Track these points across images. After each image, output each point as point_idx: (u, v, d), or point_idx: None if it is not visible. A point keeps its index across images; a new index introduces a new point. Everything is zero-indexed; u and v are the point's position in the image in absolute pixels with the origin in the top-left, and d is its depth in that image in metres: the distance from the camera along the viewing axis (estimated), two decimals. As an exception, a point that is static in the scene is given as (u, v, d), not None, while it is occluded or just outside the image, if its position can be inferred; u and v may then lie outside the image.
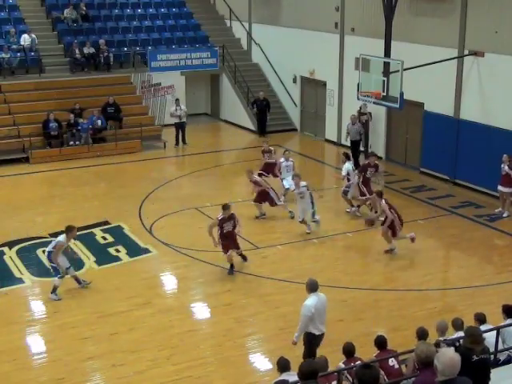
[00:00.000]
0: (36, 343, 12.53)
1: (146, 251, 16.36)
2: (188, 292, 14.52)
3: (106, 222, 18.02)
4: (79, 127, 24.59)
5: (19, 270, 15.22)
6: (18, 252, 16.13)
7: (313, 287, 10.68)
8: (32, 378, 11.30)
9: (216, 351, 12.02)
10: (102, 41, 27.53)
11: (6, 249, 16.33)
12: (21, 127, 24.29)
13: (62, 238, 14.03)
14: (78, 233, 17.11)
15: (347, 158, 18.98)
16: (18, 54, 26.41)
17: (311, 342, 10.73)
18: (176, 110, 26.09)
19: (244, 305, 13.81)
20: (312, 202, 17.12)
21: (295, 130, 28.47)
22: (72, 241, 16.70)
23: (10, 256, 15.98)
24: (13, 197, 20.34)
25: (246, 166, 19.89)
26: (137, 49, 28.20)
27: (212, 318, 13.56)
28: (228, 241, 14.74)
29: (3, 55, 25.98)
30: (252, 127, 28.32)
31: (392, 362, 9.41)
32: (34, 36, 26.97)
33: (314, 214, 17.27)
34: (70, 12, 28.31)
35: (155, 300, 13.98)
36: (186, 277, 15.13)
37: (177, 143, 26.25)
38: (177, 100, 26.47)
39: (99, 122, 25.11)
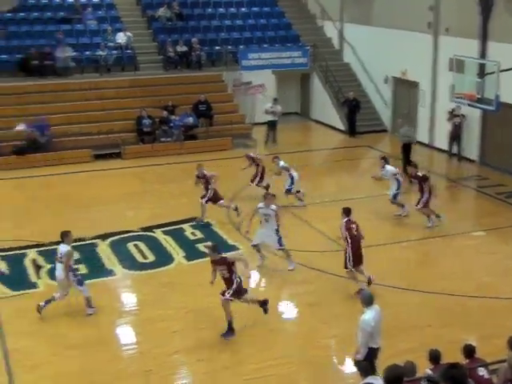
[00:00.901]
0: (126, 335, 12.84)
1: (234, 248, 16.52)
2: (274, 289, 14.55)
3: (195, 219, 18.25)
4: (171, 124, 25.06)
5: (111, 261, 15.63)
6: (110, 244, 16.60)
7: (369, 301, 10.37)
8: (122, 368, 11.57)
9: (300, 351, 12.00)
10: (194, 39, 27.97)
11: (99, 241, 16.80)
12: (115, 123, 24.97)
13: None
14: (168, 228, 17.59)
15: (386, 161, 18.51)
16: (115, 52, 27.15)
17: (373, 356, 10.33)
18: (271, 107, 26.30)
19: (329, 304, 13.75)
20: (277, 230, 15.03)
21: (385, 130, 28.13)
22: (162, 236, 17.13)
23: (103, 248, 16.45)
24: (106, 191, 20.92)
25: (335, 165, 19.71)
26: (228, 47, 28.50)
27: (297, 318, 13.58)
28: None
29: (100, 53, 26.77)
30: (342, 127, 28.15)
31: (482, 371, 9.17)
32: (129, 34, 27.69)
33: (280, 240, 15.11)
34: (164, 11, 28.90)
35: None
36: (274, 272, 15.21)
37: (267, 142, 26.42)
38: (275, 100, 26.67)
39: (191, 119, 25.53)
